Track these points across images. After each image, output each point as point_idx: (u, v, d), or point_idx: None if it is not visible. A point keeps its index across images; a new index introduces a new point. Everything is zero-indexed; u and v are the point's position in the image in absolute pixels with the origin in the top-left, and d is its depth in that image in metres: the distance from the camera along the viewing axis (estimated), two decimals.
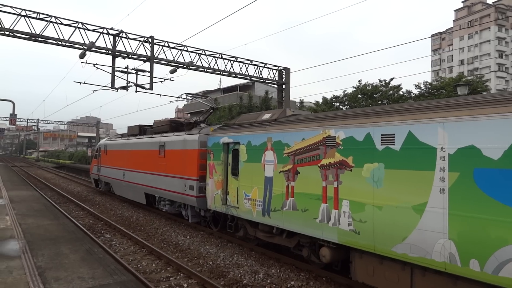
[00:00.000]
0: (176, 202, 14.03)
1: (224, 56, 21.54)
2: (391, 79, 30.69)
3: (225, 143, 10.78)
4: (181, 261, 9.48)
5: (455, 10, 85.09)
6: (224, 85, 55.23)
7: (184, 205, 13.45)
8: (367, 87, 30.80)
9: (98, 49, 17.41)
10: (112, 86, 18.28)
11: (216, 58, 21.26)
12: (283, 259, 9.55)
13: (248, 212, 9.68)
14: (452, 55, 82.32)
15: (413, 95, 30.12)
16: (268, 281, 8.18)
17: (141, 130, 18.13)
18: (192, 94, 16.13)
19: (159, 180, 14.64)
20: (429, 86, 31.04)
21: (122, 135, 21.09)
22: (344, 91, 32.64)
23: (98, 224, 14.14)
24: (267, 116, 10.14)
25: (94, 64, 17.80)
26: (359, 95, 30.92)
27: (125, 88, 18.72)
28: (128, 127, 19.91)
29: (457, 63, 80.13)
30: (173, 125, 15.19)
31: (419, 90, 30.75)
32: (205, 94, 56.13)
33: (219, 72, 21.64)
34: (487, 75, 71.86)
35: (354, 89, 31.63)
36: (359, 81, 31.65)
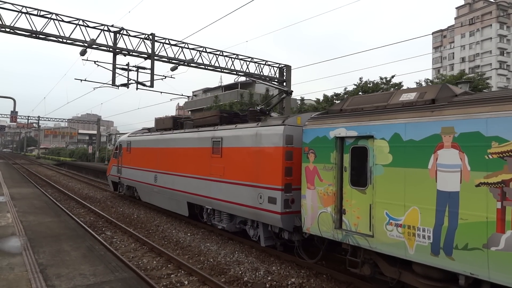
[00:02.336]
0: (238, 217, 10.68)
1: (225, 54, 21.51)
2: (392, 77, 30.77)
3: (339, 137, 7.37)
4: (182, 258, 9.50)
5: (456, 8, 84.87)
6: (225, 83, 55.23)
7: (253, 222, 10.14)
8: (368, 85, 30.84)
9: (99, 46, 17.36)
10: (113, 84, 18.25)
11: (217, 56, 21.23)
12: (284, 256, 9.58)
13: (396, 246, 6.23)
14: (453, 53, 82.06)
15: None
16: (269, 278, 8.20)
17: (176, 123, 14.81)
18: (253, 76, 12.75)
19: (213, 187, 11.14)
20: (430, 84, 31.11)
21: (149, 130, 17.56)
22: (345, 88, 32.68)
23: (99, 221, 14.15)
24: (409, 96, 6.82)
25: (95, 62, 17.79)
26: (360, 93, 30.90)
27: (126, 85, 18.68)
28: (155, 119, 16.83)
29: (458, 60, 79.87)
30: (224, 116, 11.89)
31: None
32: (205, 91, 56.29)
33: (220, 70, 21.63)
34: (488, 73, 71.61)
35: (355, 87, 31.65)
36: (360, 78, 31.73)
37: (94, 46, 17.03)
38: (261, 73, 23.06)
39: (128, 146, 18.33)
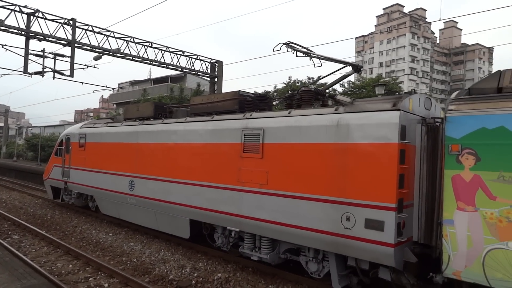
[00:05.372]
0: (285, 243, 7.67)
1: (154, 45, 20.71)
2: (319, 77, 32.62)
3: None
4: (102, 259, 8.95)
5: (376, 16, 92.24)
6: (154, 76, 53.25)
7: (316, 253, 7.18)
8: (297, 84, 32.37)
9: (9, 28, 15.55)
10: (25, 71, 16.51)
11: (145, 47, 20.36)
12: (211, 252, 9.52)
13: None
14: (373, 58, 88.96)
15: (337, 93, 32.86)
16: (195, 274, 8.12)
17: (159, 109, 11.17)
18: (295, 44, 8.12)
19: (246, 200, 7.88)
20: (352, 85, 33.71)
21: (113, 119, 13.66)
22: (275, 86, 33.85)
23: (4, 224, 12.68)
24: None
25: (2, 45, 15.90)
26: (289, 91, 32.31)
27: (41, 73, 17.02)
28: (126, 106, 13.07)
29: (377, 65, 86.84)
30: (248, 100, 8.78)
31: (343, 88, 33.31)
32: (133, 84, 53.62)
33: (149, 62, 20.78)
34: (401, 78, 79.04)
35: (285, 85, 33.05)
36: (289, 77, 33.19)
37: (2, 27, 15.20)
38: (192, 67, 22.67)
39: (82, 141, 13.49)
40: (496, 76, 5.57)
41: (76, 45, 17.26)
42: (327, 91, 8.57)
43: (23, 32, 15.99)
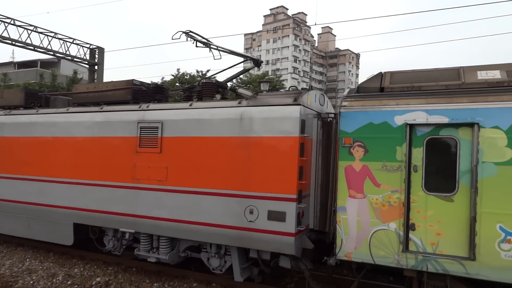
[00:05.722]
0: (185, 242, 7.43)
1: (18, 23, 17.63)
2: (208, 71, 32.81)
3: (412, 124, 5.54)
4: None
5: (264, 16, 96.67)
6: (19, 59, 45.75)
7: (218, 249, 7.10)
8: (185, 77, 31.88)
9: None
10: None
11: (6, 24, 17.17)
12: (89, 256, 8.70)
13: None
14: (260, 55, 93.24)
15: (240, 86, 34.23)
16: (69, 282, 7.38)
17: (31, 97, 9.52)
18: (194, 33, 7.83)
19: (142, 199, 7.33)
20: (239, 81, 34.76)
21: None
22: (162, 78, 32.78)
23: None
24: (490, 74, 5.57)
25: None
26: (177, 84, 31.61)
27: None
28: None
29: (264, 62, 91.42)
30: (142, 90, 8.14)
31: (231, 83, 34.09)
32: None
33: (10, 42, 17.61)
34: (285, 76, 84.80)
35: (173, 77, 32.23)
36: (178, 69, 32.54)
37: None
38: (67, 52, 20.10)
39: None
40: (378, 77, 6.21)
41: None
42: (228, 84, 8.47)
43: None
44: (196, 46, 7.80)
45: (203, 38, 7.81)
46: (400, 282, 6.74)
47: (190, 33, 7.60)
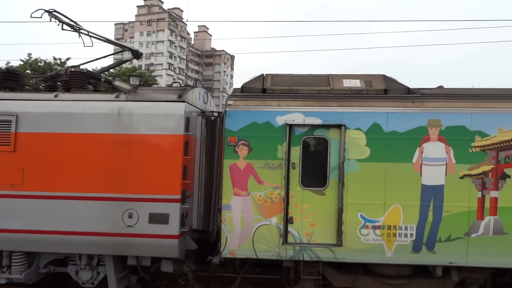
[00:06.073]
0: (46, 256, 6.37)
1: None
2: (68, 59, 29.43)
3: (292, 125, 5.85)
4: None
5: (137, 6, 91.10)
6: None
7: (90, 259, 6.34)
8: (39, 63, 27.84)
9: None
10: None
11: None
12: None
13: (372, 251, 5.76)
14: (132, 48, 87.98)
15: (116, 79, 31.90)
16: None
17: None
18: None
19: None
20: (106, 73, 32.21)
21: None
22: (8, 63, 27.85)
23: None
24: (353, 83, 6.18)
25: None
26: (28, 71, 27.35)
27: None
28: None
29: None
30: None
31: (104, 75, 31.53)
32: None
33: None
34: (160, 72, 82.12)
35: (22, 63, 27.78)
36: (29, 54, 28.19)
37: None
38: None
39: None
40: (260, 78, 6.46)
41: None
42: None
43: None
44: (62, 29, 6.77)
45: (71, 20, 6.84)
46: (278, 272, 7.16)
47: (55, 13, 6.55)
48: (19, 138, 6.06)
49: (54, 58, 29.01)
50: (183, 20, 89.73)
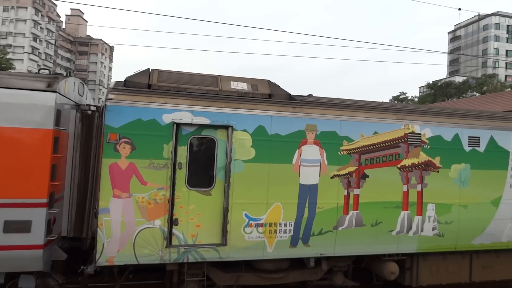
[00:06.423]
0: None
1: None
2: None
3: (180, 123, 5.64)
4: None
5: None
6: None
7: None
8: None
9: None
10: None
11: None
12: None
13: (255, 247, 6.00)
14: None
15: None
16: None
17: None
18: None
19: None
20: None
21: None
22: None
23: None
24: (240, 85, 6.28)
25: None
26: None
27: None
28: None
29: None
30: None
31: None
32: None
33: None
34: (21, 55, 70.81)
35: None
36: None
37: None
38: None
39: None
40: (146, 73, 6.07)
41: None
42: None
43: None
44: None
45: None
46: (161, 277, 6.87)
47: None
48: None
49: None
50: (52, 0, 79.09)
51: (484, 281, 7.34)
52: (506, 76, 73.08)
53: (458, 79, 57.87)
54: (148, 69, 6.24)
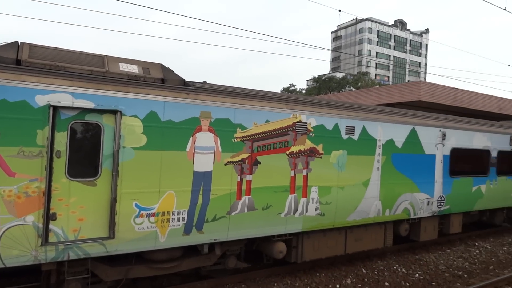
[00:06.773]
0: None
1: None
2: None
3: (58, 106, 4.97)
4: None
5: None
6: None
7: None
8: None
9: None
10: None
11: None
12: None
13: (146, 238, 5.66)
14: None
15: None
16: None
17: None
18: None
19: None
20: None
21: None
22: None
23: None
24: (131, 68, 5.80)
25: None
26: None
27: None
28: None
29: None
30: None
31: None
32: None
33: None
34: None
35: None
36: None
37: None
38: None
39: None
40: (14, 46, 5.21)
41: None
42: None
43: None
44: None
45: None
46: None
47: None
48: None
49: None
50: None
51: (356, 251, 8.43)
52: (376, 74, 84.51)
53: (339, 75, 64.39)
54: (17, 42, 5.36)
